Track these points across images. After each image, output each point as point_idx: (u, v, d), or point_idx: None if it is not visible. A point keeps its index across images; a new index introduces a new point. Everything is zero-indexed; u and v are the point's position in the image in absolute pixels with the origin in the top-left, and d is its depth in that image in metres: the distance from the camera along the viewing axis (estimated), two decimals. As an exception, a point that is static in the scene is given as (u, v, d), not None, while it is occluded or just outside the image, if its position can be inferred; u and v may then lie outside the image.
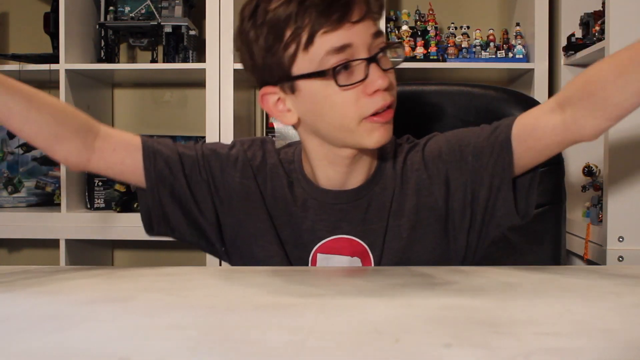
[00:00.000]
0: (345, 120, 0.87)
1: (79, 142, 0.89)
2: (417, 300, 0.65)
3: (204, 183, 0.97)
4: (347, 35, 0.84)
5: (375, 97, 0.85)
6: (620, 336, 0.51)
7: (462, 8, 2.27)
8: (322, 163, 0.94)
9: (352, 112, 0.86)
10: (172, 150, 0.96)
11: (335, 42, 0.84)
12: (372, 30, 0.86)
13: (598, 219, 1.66)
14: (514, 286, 0.74)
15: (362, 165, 0.95)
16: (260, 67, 0.89)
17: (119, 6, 2.11)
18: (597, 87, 0.80)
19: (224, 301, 0.67)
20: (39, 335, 0.52)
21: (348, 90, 0.85)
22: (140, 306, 0.64)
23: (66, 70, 1.96)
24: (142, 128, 2.33)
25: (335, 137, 0.90)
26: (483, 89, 1.18)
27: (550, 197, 1.10)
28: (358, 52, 0.85)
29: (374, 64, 0.85)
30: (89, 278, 0.80)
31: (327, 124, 0.88)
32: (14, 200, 2.13)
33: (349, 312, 0.61)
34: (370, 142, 0.88)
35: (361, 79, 0.85)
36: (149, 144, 0.95)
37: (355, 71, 0.85)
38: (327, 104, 0.87)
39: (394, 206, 0.94)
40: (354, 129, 0.87)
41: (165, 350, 0.48)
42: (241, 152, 0.99)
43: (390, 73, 0.88)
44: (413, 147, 0.98)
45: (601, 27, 1.73)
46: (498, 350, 0.47)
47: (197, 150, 0.98)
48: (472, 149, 0.92)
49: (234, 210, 0.97)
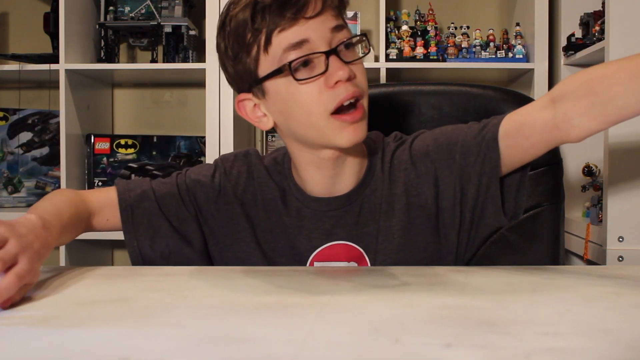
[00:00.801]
0: (312, 117, 0.86)
1: (85, 227, 0.95)
2: (417, 300, 0.65)
3: (191, 218, 0.97)
4: (302, 31, 0.84)
5: (337, 88, 0.84)
6: (620, 336, 0.51)
7: (462, 8, 2.27)
8: (308, 168, 0.94)
9: (317, 107, 0.85)
10: (149, 198, 0.96)
11: (291, 39, 0.84)
12: (331, 24, 0.86)
13: (598, 219, 1.66)
14: (514, 286, 0.74)
15: (349, 168, 0.94)
16: (233, 76, 0.91)
17: (119, 6, 2.11)
18: (602, 86, 0.77)
19: (224, 301, 0.67)
20: (39, 335, 0.52)
21: (309, 84, 0.85)
22: (140, 306, 0.64)
23: (66, 70, 1.96)
24: (142, 128, 2.33)
25: (309, 137, 0.89)
26: (482, 89, 1.18)
27: (549, 196, 1.10)
28: (317, 46, 0.85)
29: (334, 57, 0.85)
30: (89, 278, 0.80)
31: (298, 124, 0.88)
32: (14, 200, 2.13)
33: (349, 312, 0.61)
34: (342, 141, 0.87)
35: (321, 72, 0.84)
36: (123, 198, 0.96)
37: (316, 65, 0.85)
38: (293, 102, 0.87)
39: (384, 207, 0.93)
40: (323, 127, 0.86)
41: (165, 350, 0.48)
42: (223, 177, 0.98)
43: (355, 66, 0.87)
44: (400, 144, 0.97)
45: (601, 27, 1.73)
46: (498, 350, 0.47)
47: (179, 185, 0.98)
48: (459, 147, 0.91)
49: (222, 236, 0.97)
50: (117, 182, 0.99)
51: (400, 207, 0.93)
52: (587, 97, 0.79)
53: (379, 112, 1.03)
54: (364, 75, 0.89)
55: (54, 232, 0.80)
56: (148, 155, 2.14)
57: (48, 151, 2.18)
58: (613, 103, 0.76)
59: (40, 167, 2.18)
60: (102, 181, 2.07)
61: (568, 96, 0.81)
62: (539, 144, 0.85)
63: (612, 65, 0.79)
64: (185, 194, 0.97)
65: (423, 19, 2.10)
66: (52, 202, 0.89)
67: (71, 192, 0.95)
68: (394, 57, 2.00)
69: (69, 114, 1.99)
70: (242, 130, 2.11)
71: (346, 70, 0.84)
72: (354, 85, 0.86)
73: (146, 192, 0.96)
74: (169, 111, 2.37)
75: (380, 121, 1.06)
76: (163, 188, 0.97)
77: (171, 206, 0.96)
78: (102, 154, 2.10)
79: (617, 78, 0.76)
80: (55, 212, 0.85)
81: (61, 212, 0.86)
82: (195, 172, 0.99)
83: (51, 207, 0.87)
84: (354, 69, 0.87)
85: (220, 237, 0.97)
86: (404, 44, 2.02)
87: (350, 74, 0.85)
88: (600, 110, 0.78)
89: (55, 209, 0.86)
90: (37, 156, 2.17)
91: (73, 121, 2.02)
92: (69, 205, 0.90)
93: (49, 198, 0.92)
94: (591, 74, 0.80)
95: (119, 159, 2.11)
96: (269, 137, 2.15)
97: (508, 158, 0.88)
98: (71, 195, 0.94)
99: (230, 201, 0.97)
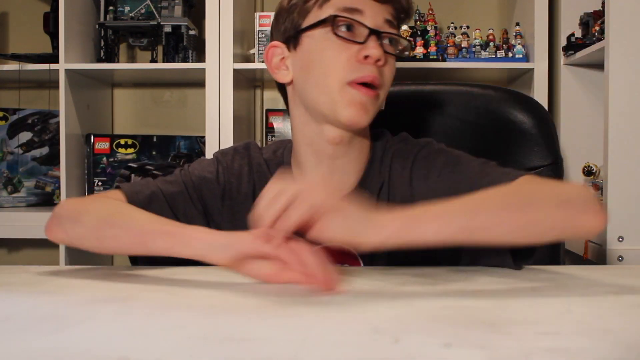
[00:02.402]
0: (329, 79, 0.88)
1: None
2: (417, 300, 0.65)
3: (199, 215, 0.96)
4: (362, 2, 0.88)
5: (364, 64, 0.87)
6: (620, 336, 0.51)
7: (461, 8, 2.27)
8: (307, 151, 0.94)
9: (338, 71, 0.87)
10: (159, 198, 0.94)
11: (348, 3, 0.88)
12: (388, 16, 0.90)
13: (598, 219, 1.66)
14: (513, 286, 0.74)
15: (348, 165, 0.94)
16: (278, 27, 0.94)
17: (118, 6, 2.11)
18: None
19: (224, 301, 0.67)
20: (39, 335, 0.52)
21: (340, 47, 0.87)
22: (140, 306, 0.64)
23: (66, 70, 1.96)
24: (142, 128, 2.33)
25: (318, 102, 0.90)
26: (482, 89, 1.18)
27: (550, 196, 1.10)
28: (367, 21, 0.88)
29: (375, 37, 0.87)
30: (89, 278, 0.80)
31: (314, 84, 0.89)
32: (14, 200, 2.13)
33: (349, 312, 0.61)
34: (345, 114, 0.87)
35: (359, 41, 0.87)
36: (133, 200, 0.92)
37: (357, 35, 0.88)
38: (320, 58, 0.88)
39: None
40: (335, 94, 0.87)
41: (165, 350, 0.48)
42: (226, 172, 0.98)
43: (389, 58, 0.90)
44: (401, 153, 0.96)
45: (601, 27, 1.73)
46: (498, 350, 0.47)
47: (185, 183, 0.96)
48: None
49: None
50: (121, 185, 0.97)
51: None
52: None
53: (379, 112, 1.03)
54: (392, 73, 0.92)
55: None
56: (148, 155, 2.14)
57: (48, 151, 2.18)
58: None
59: (40, 167, 2.18)
60: (102, 181, 2.07)
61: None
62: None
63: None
64: (192, 192, 0.96)
65: (423, 19, 2.10)
66: (136, 214, 0.86)
67: (108, 201, 0.91)
68: (393, 57, 2.00)
69: (69, 113, 1.99)
70: (242, 130, 2.11)
71: (380, 52, 0.86)
72: (380, 72, 0.88)
73: (155, 192, 0.95)
74: (169, 111, 2.36)
75: (381, 121, 1.06)
76: (170, 187, 0.96)
77: (180, 205, 0.95)
78: (102, 154, 2.09)
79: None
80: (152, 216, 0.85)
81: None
82: (199, 169, 0.99)
83: (146, 216, 0.85)
84: (388, 59, 0.89)
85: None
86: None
87: (382, 57, 0.87)
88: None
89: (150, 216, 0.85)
90: (36, 156, 2.17)
91: (73, 121, 2.02)
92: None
93: (131, 212, 0.87)
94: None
95: (118, 158, 2.11)
96: (269, 137, 2.15)
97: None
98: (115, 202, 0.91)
99: (234, 197, 0.97)
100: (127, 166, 2.09)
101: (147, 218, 0.83)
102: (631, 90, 1.55)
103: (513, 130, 1.13)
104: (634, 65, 1.55)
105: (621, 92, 1.55)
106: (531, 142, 1.12)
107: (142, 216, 0.84)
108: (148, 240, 0.78)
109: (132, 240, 0.80)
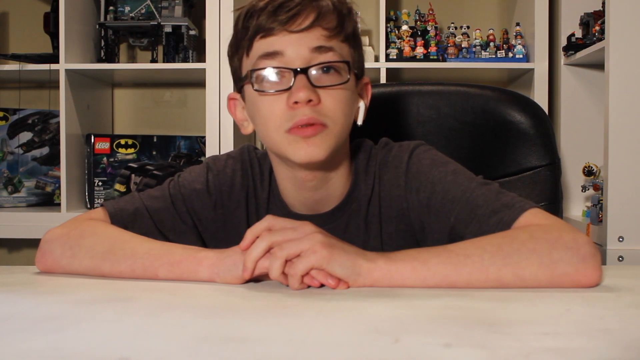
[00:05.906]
0: (268, 130, 0.84)
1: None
2: (417, 300, 0.65)
3: (189, 230, 0.94)
4: (280, 43, 0.82)
5: (296, 109, 0.81)
6: (620, 336, 0.51)
7: (462, 8, 2.27)
8: (287, 186, 0.92)
9: (275, 123, 0.83)
10: (143, 215, 0.91)
11: (266, 47, 0.83)
12: (314, 44, 0.82)
13: (598, 219, 1.66)
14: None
15: (332, 190, 0.91)
16: (232, 73, 0.92)
17: (119, 6, 2.11)
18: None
19: (224, 301, 0.67)
20: (39, 335, 0.52)
21: (272, 97, 0.83)
22: (140, 306, 0.64)
23: (66, 70, 1.96)
24: (142, 128, 2.33)
25: (273, 150, 0.88)
26: (480, 89, 1.18)
27: (547, 196, 1.10)
28: (290, 61, 0.82)
29: (302, 76, 0.81)
30: (89, 278, 0.80)
31: (262, 136, 0.87)
32: (14, 200, 2.13)
33: (349, 312, 0.61)
34: (296, 157, 0.83)
35: (286, 88, 0.82)
36: (117, 219, 0.90)
37: (284, 81, 0.82)
38: (257, 111, 0.86)
39: (371, 225, 0.92)
40: (280, 141, 0.84)
41: (165, 350, 0.48)
42: (217, 180, 0.95)
43: (327, 91, 0.83)
44: (388, 161, 0.93)
45: (601, 27, 1.73)
46: (498, 350, 0.47)
47: (172, 197, 0.93)
48: (453, 220, 0.84)
49: (222, 240, 0.95)
50: (105, 204, 0.93)
51: (390, 230, 0.91)
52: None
53: (378, 113, 1.03)
54: (339, 103, 0.84)
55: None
56: (148, 155, 2.14)
57: (48, 151, 2.18)
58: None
59: (40, 167, 2.18)
60: (102, 181, 2.07)
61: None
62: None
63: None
64: (180, 206, 0.93)
65: (423, 19, 2.10)
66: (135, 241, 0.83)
67: (98, 230, 0.87)
68: (394, 57, 2.00)
69: (69, 113, 1.99)
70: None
71: (307, 93, 0.80)
72: (315, 111, 0.81)
73: (139, 209, 0.91)
74: (169, 111, 2.37)
75: (380, 121, 1.06)
76: (155, 203, 0.92)
77: (167, 221, 0.93)
78: (102, 154, 2.09)
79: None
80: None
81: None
82: (189, 180, 0.95)
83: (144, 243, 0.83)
84: (325, 94, 0.82)
85: (220, 241, 0.95)
86: (404, 44, 2.02)
87: (312, 98, 0.80)
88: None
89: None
90: (37, 156, 2.17)
91: (73, 121, 2.02)
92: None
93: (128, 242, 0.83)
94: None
95: (119, 158, 2.11)
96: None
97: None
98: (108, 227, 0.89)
99: (226, 204, 0.95)
100: (127, 166, 2.09)
101: (146, 249, 0.80)
102: (631, 90, 1.55)
103: (511, 130, 1.13)
104: (634, 65, 1.55)
105: (621, 92, 1.55)
106: (529, 142, 1.12)
107: (140, 248, 0.80)
108: (152, 274, 0.78)
109: (137, 274, 0.78)
